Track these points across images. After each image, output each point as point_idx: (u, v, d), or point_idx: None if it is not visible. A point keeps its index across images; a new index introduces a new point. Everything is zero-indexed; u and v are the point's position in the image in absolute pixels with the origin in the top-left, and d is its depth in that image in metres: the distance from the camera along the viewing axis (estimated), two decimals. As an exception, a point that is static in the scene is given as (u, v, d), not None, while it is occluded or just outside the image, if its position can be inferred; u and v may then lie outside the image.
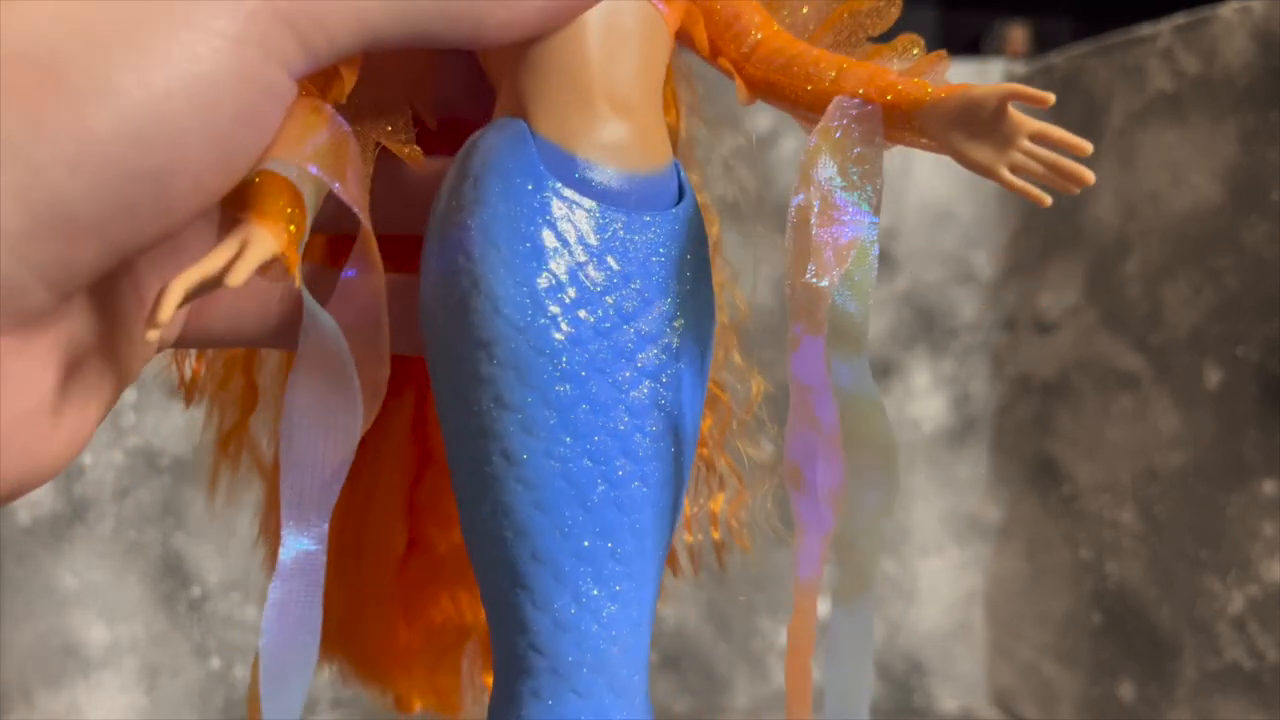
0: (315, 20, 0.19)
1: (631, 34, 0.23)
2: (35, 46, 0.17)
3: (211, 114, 0.18)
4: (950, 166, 0.80)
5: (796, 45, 0.25)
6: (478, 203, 0.22)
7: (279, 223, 0.20)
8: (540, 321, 0.22)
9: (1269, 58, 0.63)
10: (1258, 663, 0.63)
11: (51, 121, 0.17)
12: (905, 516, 0.83)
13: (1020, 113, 0.22)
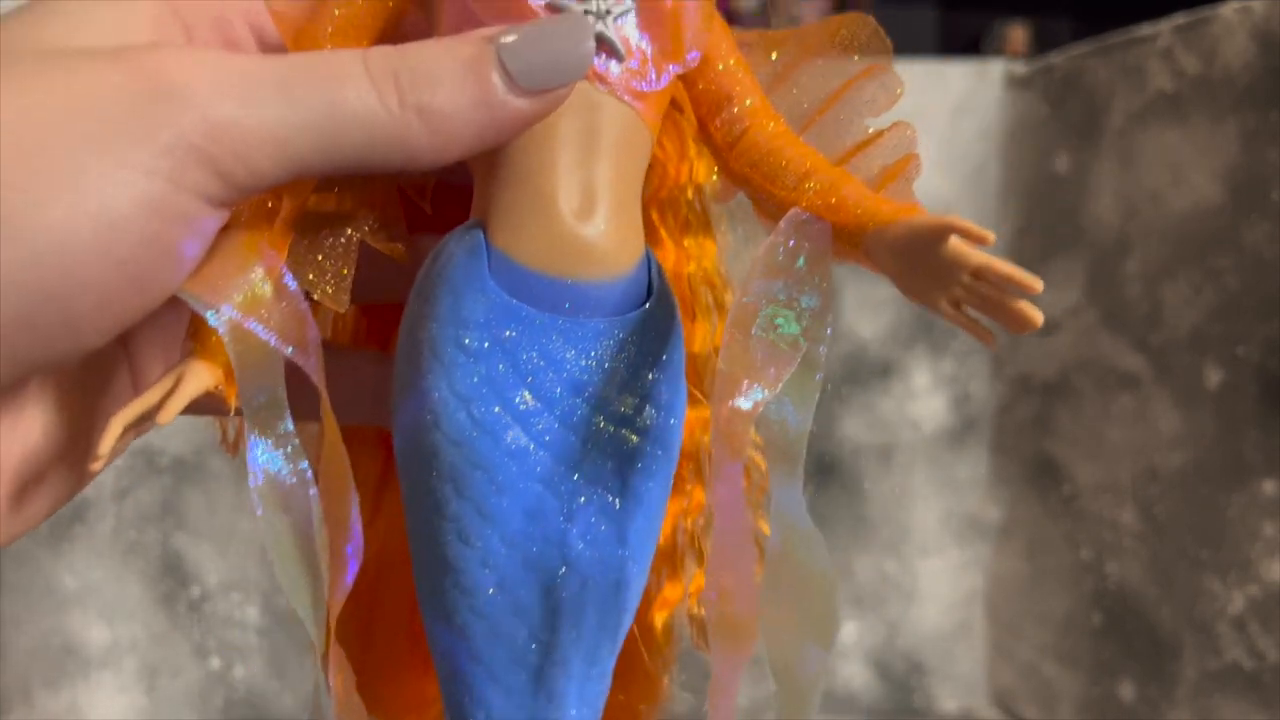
0: (233, 153, 0.19)
1: (604, 138, 0.23)
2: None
3: (113, 240, 0.19)
4: (950, 166, 0.80)
5: (777, 140, 0.24)
6: (427, 316, 0.22)
7: (218, 357, 0.21)
8: (474, 435, 0.22)
9: (1269, 58, 0.63)
10: (1258, 663, 0.63)
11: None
12: (905, 517, 0.83)
13: (965, 247, 0.21)
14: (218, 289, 0.20)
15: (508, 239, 0.22)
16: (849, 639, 0.82)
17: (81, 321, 0.19)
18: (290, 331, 0.21)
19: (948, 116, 0.83)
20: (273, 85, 0.20)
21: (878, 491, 0.83)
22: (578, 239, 0.22)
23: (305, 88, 0.20)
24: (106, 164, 0.18)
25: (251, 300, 0.21)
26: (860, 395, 0.83)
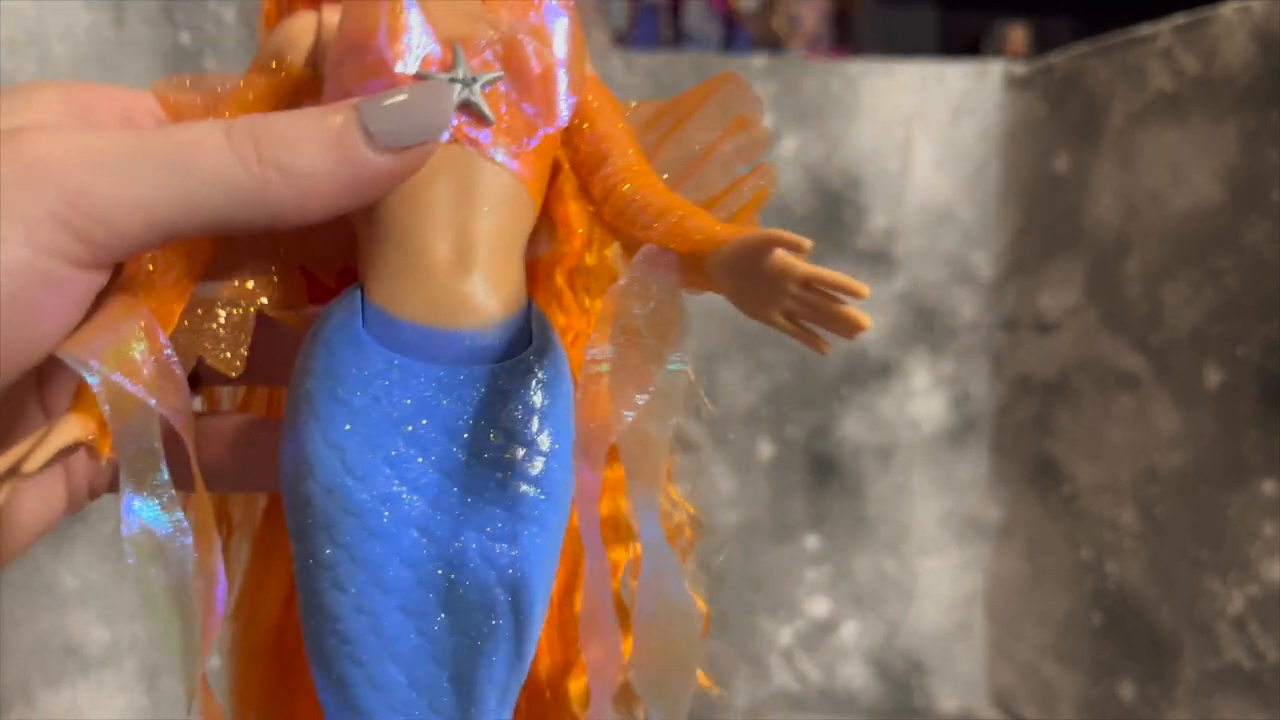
0: (91, 217, 0.20)
1: (478, 196, 0.24)
2: None
3: None
4: (949, 167, 0.80)
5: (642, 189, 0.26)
6: (305, 371, 0.23)
7: (93, 411, 0.22)
8: (347, 482, 0.23)
9: (1269, 58, 0.63)
10: (1258, 663, 0.63)
11: None
12: (905, 517, 0.83)
13: (789, 258, 0.22)
14: (91, 346, 0.21)
15: (384, 294, 0.24)
16: (849, 638, 0.82)
17: None
18: (162, 388, 0.22)
19: (947, 117, 0.83)
20: (132, 153, 0.21)
21: (877, 491, 0.83)
22: (450, 290, 0.24)
23: (165, 153, 0.21)
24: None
25: (123, 357, 0.22)
26: (860, 395, 0.83)
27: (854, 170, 0.83)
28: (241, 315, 0.25)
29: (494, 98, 0.24)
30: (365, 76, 0.24)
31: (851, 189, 0.83)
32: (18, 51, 0.51)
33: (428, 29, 0.24)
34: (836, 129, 0.83)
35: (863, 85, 0.82)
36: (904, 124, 0.83)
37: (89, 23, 0.54)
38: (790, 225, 0.79)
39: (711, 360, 0.83)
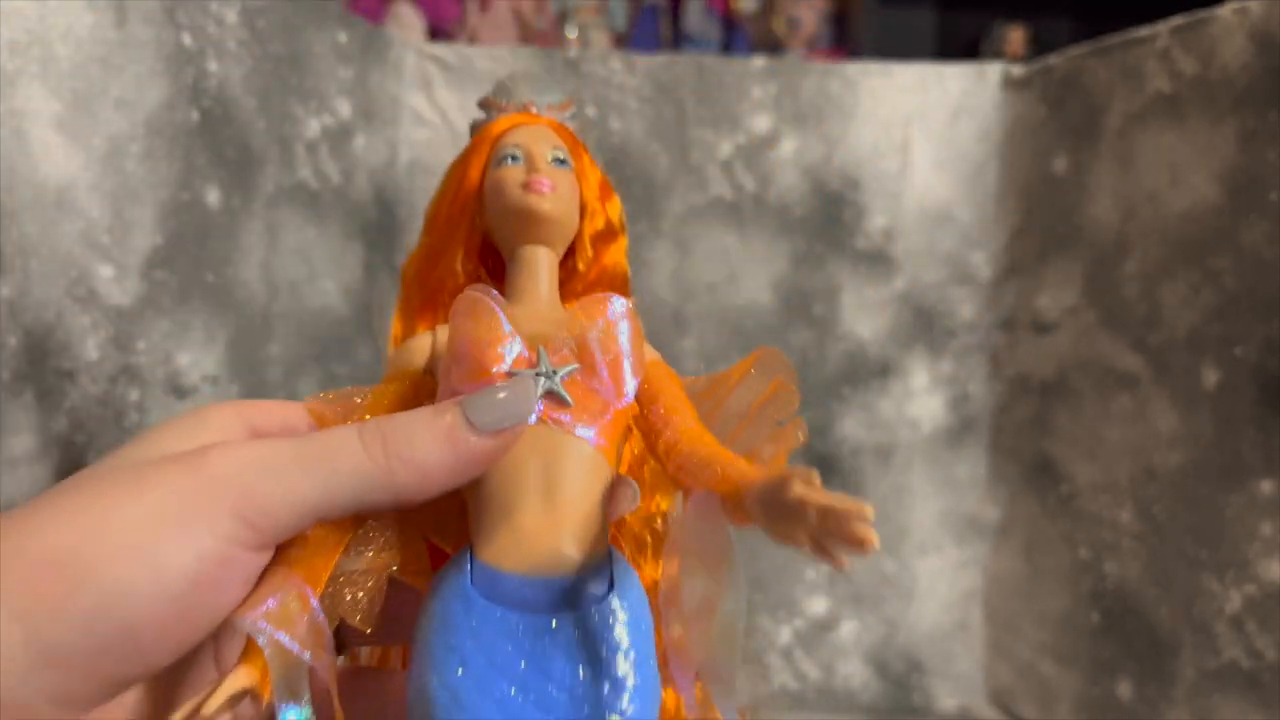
0: (262, 514, 0.26)
1: (562, 466, 0.30)
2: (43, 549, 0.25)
3: (171, 593, 0.25)
4: (949, 168, 0.81)
5: (699, 449, 0.31)
6: (424, 624, 0.28)
7: (257, 663, 0.26)
8: (456, 714, 0.26)
9: (1267, 58, 0.63)
10: (1256, 662, 0.63)
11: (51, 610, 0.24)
12: (904, 516, 0.83)
13: (806, 492, 0.25)
14: (258, 611, 0.26)
15: (489, 553, 0.29)
16: (847, 637, 0.82)
17: (146, 650, 0.25)
18: (314, 644, 0.27)
19: (947, 118, 0.83)
20: (288, 460, 0.27)
21: (876, 490, 0.83)
22: (543, 546, 0.29)
23: (313, 458, 0.27)
24: (166, 536, 0.25)
25: (284, 619, 0.27)
26: (859, 395, 0.83)
27: (853, 171, 0.83)
28: (376, 584, 0.30)
29: (572, 385, 0.31)
30: (468, 379, 0.30)
31: (851, 189, 0.83)
32: (19, 52, 0.51)
33: (516, 336, 0.31)
34: (836, 130, 0.83)
35: (862, 86, 0.83)
36: (903, 125, 0.83)
37: (91, 23, 0.54)
38: (790, 226, 0.80)
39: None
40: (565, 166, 0.36)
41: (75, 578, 0.24)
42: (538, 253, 0.35)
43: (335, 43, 0.74)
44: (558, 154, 0.36)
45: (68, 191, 0.53)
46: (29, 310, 0.52)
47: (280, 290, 0.69)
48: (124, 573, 0.25)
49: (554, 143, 0.36)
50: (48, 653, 0.24)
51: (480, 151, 0.37)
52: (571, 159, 0.36)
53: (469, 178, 0.37)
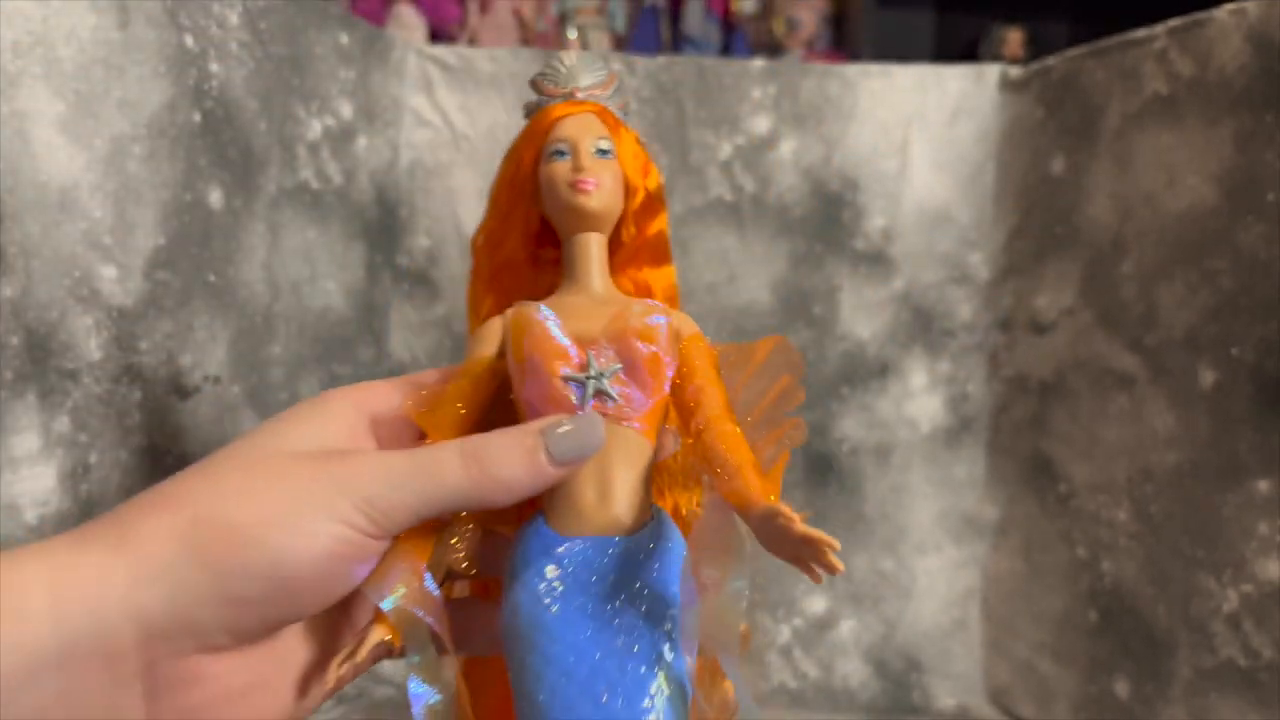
0: (381, 513, 0.34)
1: (615, 453, 0.37)
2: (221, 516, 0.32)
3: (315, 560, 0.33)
4: (947, 169, 0.81)
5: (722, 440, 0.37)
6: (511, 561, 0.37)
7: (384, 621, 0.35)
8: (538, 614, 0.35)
9: (1264, 60, 0.63)
10: (1252, 661, 0.63)
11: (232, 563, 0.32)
12: (903, 516, 0.83)
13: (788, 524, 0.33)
14: (383, 583, 0.35)
15: (556, 524, 0.37)
16: (846, 636, 0.83)
17: (300, 602, 0.33)
18: (424, 602, 0.35)
19: (945, 119, 0.83)
20: (401, 476, 0.34)
21: (875, 490, 0.83)
22: (597, 519, 0.37)
23: (422, 475, 0.34)
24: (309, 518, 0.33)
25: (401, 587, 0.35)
26: (858, 395, 0.83)
27: (852, 172, 0.83)
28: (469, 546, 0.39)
29: (617, 381, 0.37)
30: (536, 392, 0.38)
31: (850, 190, 0.83)
32: (22, 53, 0.51)
33: (567, 340, 0.38)
34: (835, 131, 0.83)
35: (861, 88, 0.83)
36: (902, 126, 0.83)
37: (93, 25, 0.54)
38: (789, 226, 0.80)
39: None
40: (608, 156, 0.40)
41: (250, 542, 0.32)
42: (589, 239, 0.41)
43: (337, 44, 0.75)
44: (601, 144, 0.40)
45: (70, 192, 0.53)
46: (32, 310, 0.52)
47: (282, 290, 0.70)
48: (284, 541, 0.32)
49: (598, 132, 0.41)
50: (228, 597, 0.32)
51: (532, 143, 0.41)
52: (614, 144, 0.41)
53: (523, 166, 0.41)
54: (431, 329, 0.84)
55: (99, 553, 0.31)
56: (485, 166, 0.83)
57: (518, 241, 0.43)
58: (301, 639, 0.36)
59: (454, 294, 0.84)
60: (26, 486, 0.52)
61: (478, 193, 0.83)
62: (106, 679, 0.31)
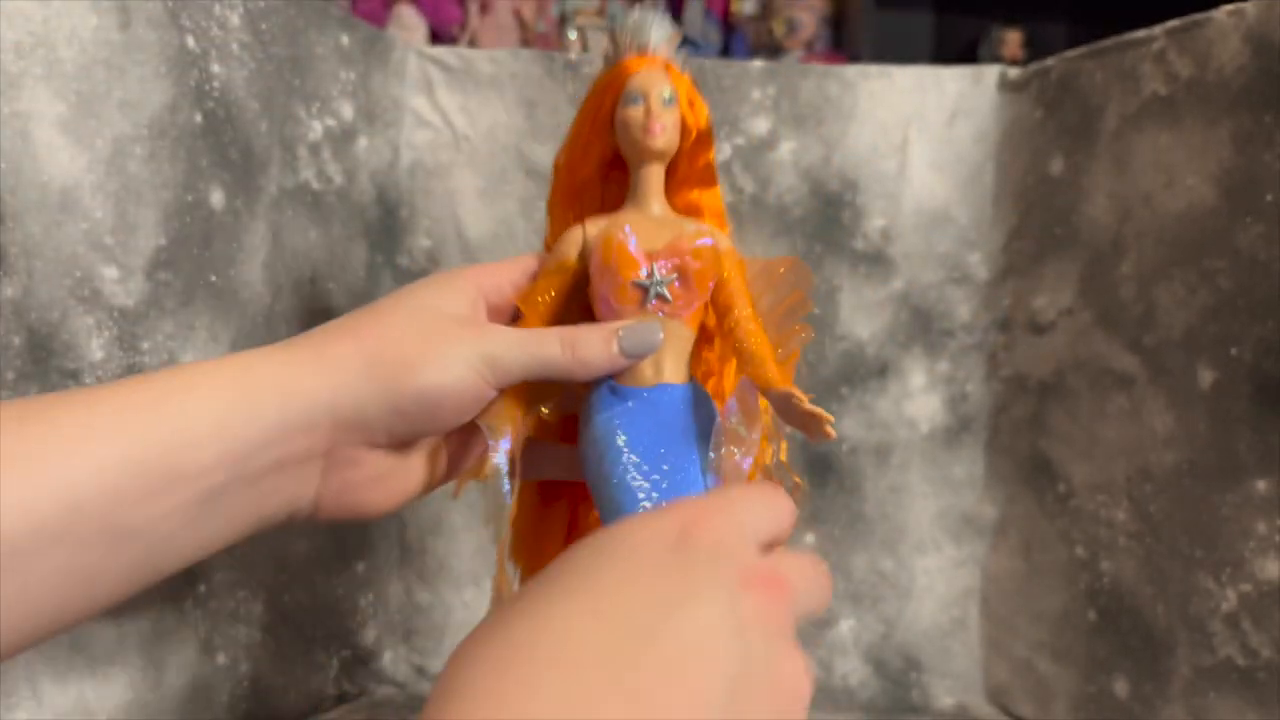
0: (499, 370, 0.45)
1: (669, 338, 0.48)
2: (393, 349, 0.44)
3: (452, 392, 0.44)
4: (946, 170, 0.81)
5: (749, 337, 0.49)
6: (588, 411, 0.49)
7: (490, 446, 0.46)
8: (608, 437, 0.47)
9: (1262, 60, 0.63)
10: (1251, 660, 0.63)
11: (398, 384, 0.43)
12: (902, 515, 0.84)
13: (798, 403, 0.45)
14: (489, 416, 0.46)
15: (623, 379, 0.48)
16: (846, 635, 0.83)
17: (438, 419, 0.45)
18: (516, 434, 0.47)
19: (944, 120, 0.83)
20: (517, 344, 0.45)
21: (874, 490, 0.84)
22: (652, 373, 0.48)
23: (532, 348, 0.46)
24: (452, 362, 0.44)
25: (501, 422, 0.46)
26: (857, 394, 0.84)
27: (851, 172, 0.83)
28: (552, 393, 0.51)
29: (672, 287, 0.48)
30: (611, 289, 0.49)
31: (849, 191, 0.83)
32: (23, 54, 0.51)
33: (639, 252, 0.49)
34: (834, 132, 0.83)
35: (860, 89, 0.83)
36: (901, 127, 0.83)
37: (95, 26, 0.54)
38: (789, 227, 0.80)
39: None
40: (672, 104, 0.50)
41: (412, 371, 0.43)
42: (652, 169, 0.51)
43: (338, 45, 0.75)
44: (665, 93, 0.50)
45: (72, 193, 0.53)
46: (33, 310, 0.52)
47: (284, 291, 0.70)
48: (434, 375, 0.43)
49: (664, 84, 0.50)
50: (392, 408, 0.43)
51: (611, 89, 0.51)
52: (677, 92, 0.51)
53: (604, 107, 0.51)
54: (432, 329, 0.84)
55: (305, 364, 0.42)
56: (486, 167, 0.83)
57: (593, 167, 0.53)
58: (430, 447, 0.48)
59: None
60: (28, 486, 0.52)
61: (478, 193, 0.83)
62: (304, 453, 0.42)
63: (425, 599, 0.83)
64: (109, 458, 0.35)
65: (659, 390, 0.48)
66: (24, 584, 0.34)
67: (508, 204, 0.84)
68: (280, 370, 0.41)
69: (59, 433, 0.35)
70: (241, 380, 0.40)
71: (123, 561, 0.37)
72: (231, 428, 0.39)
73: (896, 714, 0.80)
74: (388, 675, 0.82)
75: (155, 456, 0.37)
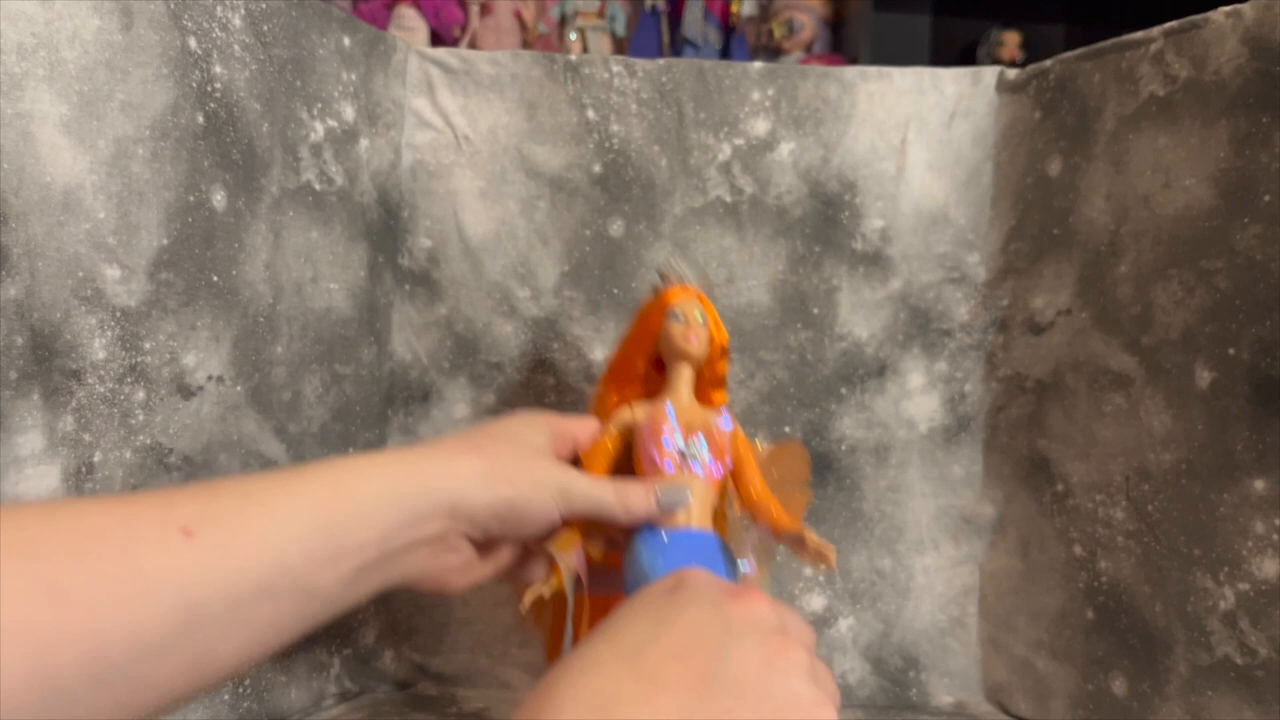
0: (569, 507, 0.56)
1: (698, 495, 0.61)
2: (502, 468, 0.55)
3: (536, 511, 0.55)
4: (944, 171, 0.81)
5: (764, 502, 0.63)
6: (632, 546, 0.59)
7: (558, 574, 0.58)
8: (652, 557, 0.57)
9: (1259, 62, 0.64)
10: (1249, 659, 0.63)
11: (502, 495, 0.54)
12: (901, 514, 0.84)
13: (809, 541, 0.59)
14: (559, 546, 0.58)
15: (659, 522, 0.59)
16: (844, 634, 0.83)
17: (519, 526, 0.55)
18: (576, 559, 0.58)
19: (943, 121, 0.83)
20: (587, 483, 0.57)
21: (873, 489, 0.84)
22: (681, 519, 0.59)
23: (595, 489, 0.57)
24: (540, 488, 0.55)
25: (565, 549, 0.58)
26: (856, 394, 0.84)
27: (850, 173, 0.83)
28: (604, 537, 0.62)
29: (701, 455, 0.62)
30: (652, 443, 0.62)
31: (848, 191, 0.83)
32: (26, 55, 0.51)
33: (678, 425, 0.63)
34: (833, 133, 0.83)
35: (859, 90, 0.83)
36: (900, 128, 0.83)
37: (97, 27, 0.54)
38: (788, 227, 0.80)
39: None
40: (703, 323, 0.65)
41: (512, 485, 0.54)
42: (686, 369, 0.65)
43: (339, 47, 0.75)
44: (699, 315, 0.65)
45: (74, 193, 0.54)
46: (36, 310, 0.52)
47: (285, 291, 0.70)
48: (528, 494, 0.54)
49: (699, 308, 0.65)
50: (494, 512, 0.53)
51: (660, 308, 0.66)
52: (706, 315, 0.65)
53: (653, 321, 0.66)
54: (433, 329, 0.84)
55: (438, 468, 0.52)
56: (486, 168, 0.83)
57: (641, 364, 0.68)
58: (501, 551, 0.58)
59: (454, 294, 0.84)
60: (31, 485, 0.52)
61: (479, 194, 0.84)
62: (428, 536, 0.51)
63: (426, 598, 0.84)
64: (305, 530, 0.44)
65: (687, 532, 0.59)
66: (242, 632, 0.41)
67: (508, 205, 0.84)
68: (421, 470, 0.52)
69: (270, 510, 0.43)
70: (395, 475, 0.50)
71: (304, 615, 0.45)
72: (387, 511, 0.48)
73: (895, 712, 0.80)
74: (389, 674, 0.82)
75: (337, 530, 0.46)
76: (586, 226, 0.84)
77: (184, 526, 0.40)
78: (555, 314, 0.84)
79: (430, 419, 0.84)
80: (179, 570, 0.39)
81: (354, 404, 0.79)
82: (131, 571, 0.38)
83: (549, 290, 0.84)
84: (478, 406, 0.84)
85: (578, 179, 0.84)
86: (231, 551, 0.41)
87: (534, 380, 0.84)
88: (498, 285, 0.84)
